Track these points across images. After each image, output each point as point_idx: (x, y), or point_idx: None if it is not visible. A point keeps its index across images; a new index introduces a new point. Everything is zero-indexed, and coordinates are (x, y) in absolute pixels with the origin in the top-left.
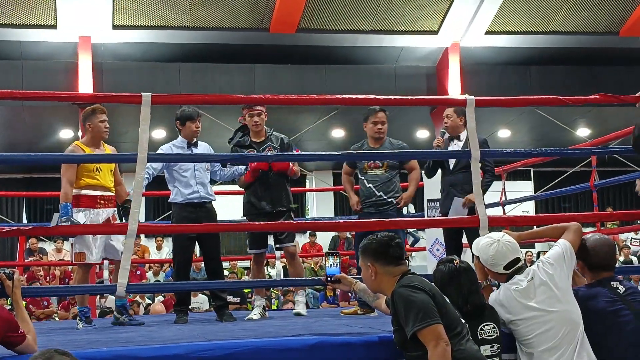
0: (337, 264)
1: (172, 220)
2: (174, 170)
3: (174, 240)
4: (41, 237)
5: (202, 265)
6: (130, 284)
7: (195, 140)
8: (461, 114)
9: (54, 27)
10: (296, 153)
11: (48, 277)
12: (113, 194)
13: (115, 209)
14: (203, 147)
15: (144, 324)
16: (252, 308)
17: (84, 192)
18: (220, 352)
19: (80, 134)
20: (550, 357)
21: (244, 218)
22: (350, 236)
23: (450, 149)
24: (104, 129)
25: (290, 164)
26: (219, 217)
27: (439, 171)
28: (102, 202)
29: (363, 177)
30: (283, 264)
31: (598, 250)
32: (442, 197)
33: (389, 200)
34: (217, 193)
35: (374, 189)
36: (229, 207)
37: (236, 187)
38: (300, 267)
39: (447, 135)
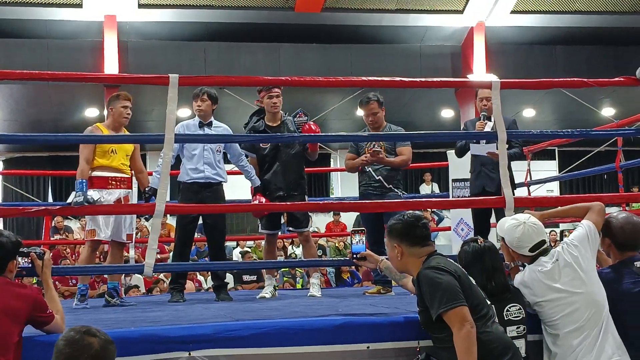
0: (362, 242)
1: (178, 199)
2: (184, 148)
3: (177, 220)
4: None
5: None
6: (157, 263)
7: (210, 120)
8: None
9: (79, 5)
10: (319, 134)
11: (74, 255)
12: (126, 176)
13: (129, 190)
14: (220, 129)
15: (136, 305)
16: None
17: (96, 173)
18: (247, 331)
19: (106, 112)
20: (576, 339)
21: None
22: None
23: (486, 129)
24: (124, 115)
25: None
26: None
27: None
28: (113, 182)
29: None
30: None
31: (626, 229)
32: (472, 176)
33: (388, 186)
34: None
35: (373, 173)
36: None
37: None
38: (314, 249)
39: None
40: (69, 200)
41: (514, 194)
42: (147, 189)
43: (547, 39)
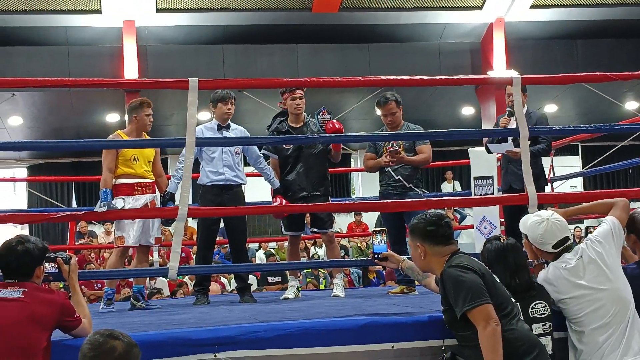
0: (384, 242)
1: (198, 202)
2: (203, 151)
3: (199, 222)
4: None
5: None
6: (181, 266)
7: (228, 122)
8: (524, 90)
9: (98, 12)
10: (339, 134)
11: (99, 260)
12: (151, 180)
13: (155, 194)
14: (237, 131)
15: (161, 308)
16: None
17: (121, 180)
18: (272, 333)
19: (127, 117)
20: (601, 336)
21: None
22: None
23: (510, 126)
24: (148, 122)
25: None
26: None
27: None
28: (139, 188)
29: None
30: None
31: None
32: (502, 174)
33: (408, 186)
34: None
35: (392, 173)
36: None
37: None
38: (337, 250)
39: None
40: (95, 210)
41: (544, 190)
42: (164, 194)
43: (567, 32)
